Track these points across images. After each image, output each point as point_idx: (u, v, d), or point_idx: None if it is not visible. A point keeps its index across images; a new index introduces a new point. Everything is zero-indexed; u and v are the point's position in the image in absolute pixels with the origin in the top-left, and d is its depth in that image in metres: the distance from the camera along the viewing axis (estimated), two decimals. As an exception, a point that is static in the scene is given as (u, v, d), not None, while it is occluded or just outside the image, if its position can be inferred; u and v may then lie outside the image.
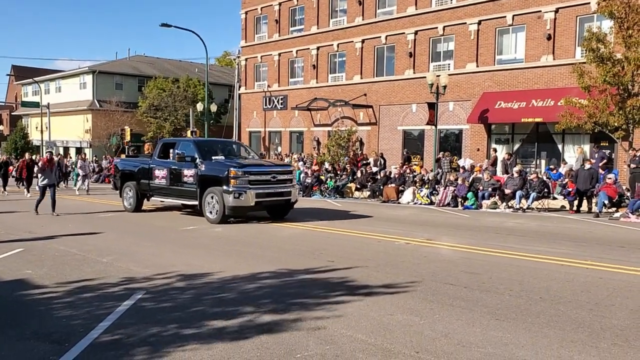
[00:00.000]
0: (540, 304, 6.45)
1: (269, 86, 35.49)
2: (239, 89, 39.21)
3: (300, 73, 34.05)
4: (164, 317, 5.95)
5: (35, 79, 51.09)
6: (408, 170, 23.41)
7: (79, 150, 47.64)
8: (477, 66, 25.28)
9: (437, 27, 26.59)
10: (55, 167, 16.14)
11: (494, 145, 24.79)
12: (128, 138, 38.36)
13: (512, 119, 23.59)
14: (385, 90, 29.04)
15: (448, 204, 19.14)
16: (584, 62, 19.10)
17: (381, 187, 21.96)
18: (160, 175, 15.58)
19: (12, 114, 67.83)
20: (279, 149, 34.67)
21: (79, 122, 48.06)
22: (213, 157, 14.57)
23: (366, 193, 23.02)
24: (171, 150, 15.51)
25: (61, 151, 47.16)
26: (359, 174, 24.77)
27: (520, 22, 23.99)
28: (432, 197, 20.22)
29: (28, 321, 5.88)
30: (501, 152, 24.08)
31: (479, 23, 25.08)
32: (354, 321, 5.76)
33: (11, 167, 28.54)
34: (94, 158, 40.64)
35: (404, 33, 27.96)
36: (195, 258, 9.30)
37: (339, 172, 25.55)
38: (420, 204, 20.16)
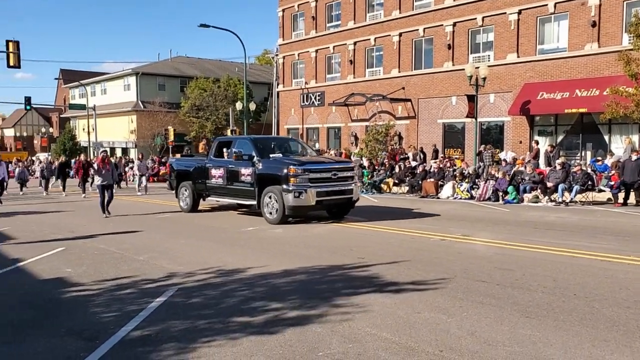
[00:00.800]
0: (574, 301, 6.25)
1: (306, 83, 35.57)
2: (277, 87, 39.46)
3: (337, 69, 34.00)
4: (193, 314, 6.05)
5: (81, 81, 52.73)
6: (448, 164, 23.06)
7: (124, 151, 48.99)
8: (518, 57, 24.66)
9: (475, 18, 26.06)
10: (111, 167, 16.01)
11: (536, 137, 24.14)
12: (171, 138, 39.18)
13: (555, 110, 22.90)
14: (424, 83, 28.68)
15: (489, 199, 18.76)
16: (631, 49, 18.37)
17: (420, 182, 21.71)
18: (217, 174, 15.20)
19: (61, 116, 70.34)
20: (317, 145, 34.74)
21: (124, 123, 49.36)
22: (271, 155, 14.09)
23: (404, 188, 22.80)
24: (225, 150, 15.27)
25: (107, 151, 48.52)
26: (397, 169, 24.56)
27: (562, 9, 23.24)
28: (472, 192, 19.86)
29: (63, 318, 6.09)
30: (544, 144, 23.44)
31: (519, 12, 24.43)
32: (380, 319, 5.72)
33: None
34: (141, 156, 41.58)
35: (442, 25, 27.52)
36: (229, 255, 9.42)
37: (377, 167, 25.39)
38: (460, 198, 19.83)
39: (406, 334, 5.26)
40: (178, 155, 25.29)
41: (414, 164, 24.83)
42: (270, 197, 13.37)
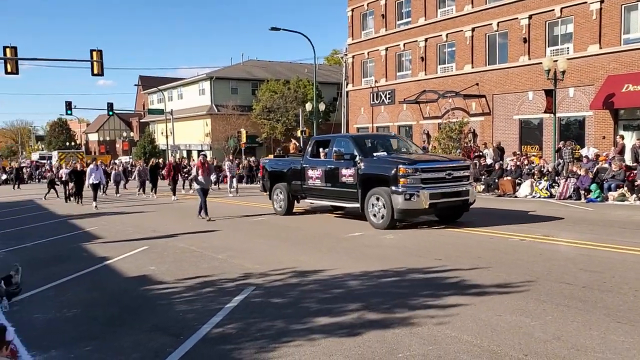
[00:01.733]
0: (672, 306, 5.85)
1: (376, 81, 35.38)
2: (346, 87, 39.49)
3: (408, 66, 33.59)
4: (271, 313, 6.15)
5: (159, 87, 54.97)
6: (525, 162, 22.24)
7: (199, 154, 50.57)
8: (600, 48, 23.39)
9: (553, 10, 24.97)
10: (210, 170, 15.73)
11: (621, 132, 22.79)
12: (244, 140, 40.11)
13: (643, 103, 21.55)
14: (499, 78, 27.81)
15: (570, 197, 17.92)
16: None
17: (496, 180, 21.06)
18: (314, 175, 14.36)
19: (141, 121, 73.58)
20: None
21: (199, 126, 51.00)
22: (374, 154, 13.16)
23: (480, 187, 22.17)
24: (321, 149, 14.67)
25: (184, 154, 50.33)
26: (471, 167, 23.86)
27: (649, -5, 21.85)
28: (552, 190, 19.04)
29: (149, 314, 6.35)
30: (630, 139, 22.10)
31: (602, 1, 23.15)
32: (460, 322, 5.58)
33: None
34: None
35: (516, 18, 26.57)
36: (305, 254, 9.51)
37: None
38: (539, 197, 19.07)
39: (488, 337, 5.11)
40: (271, 156, 24.30)
41: (489, 161, 24.12)
42: (377, 199, 12.27)
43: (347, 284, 7.32)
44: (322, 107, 38.27)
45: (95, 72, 24.61)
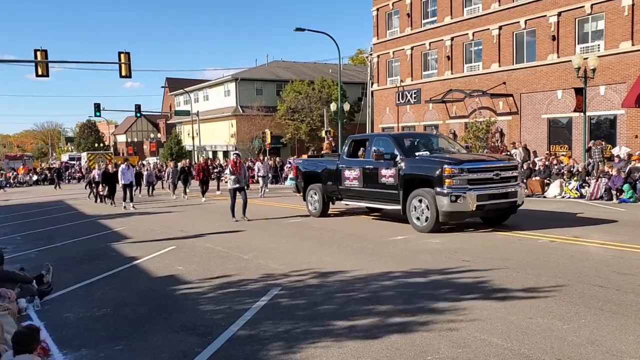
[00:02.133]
0: None
1: (401, 81, 35.16)
2: (371, 86, 39.35)
3: (434, 65, 33.31)
4: (297, 314, 6.14)
5: (185, 89, 55.53)
6: (555, 162, 21.85)
7: (225, 154, 50.96)
8: (633, 44, 22.82)
9: (583, 6, 24.47)
10: (242, 169, 15.38)
11: (654, 131, 22.25)
12: (268, 140, 40.28)
13: (678, 100, 20.97)
14: (527, 77, 27.37)
15: (601, 197, 17.54)
16: None
17: (524, 181, 20.72)
18: (352, 176, 13.88)
19: (168, 122, 74.48)
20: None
21: (225, 127, 51.37)
22: (416, 154, 12.65)
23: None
24: (361, 149, 14.32)
25: (210, 155, 50.78)
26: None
27: (683, -10, 21.26)
28: (582, 190, 18.67)
29: (177, 314, 6.39)
30: (664, 138, 21.54)
31: (634, -4, 22.65)
32: (489, 324, 5.49)
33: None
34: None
35: (545, 16, 26.12)
36: (330, 256, 9.47)
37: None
38: (569, 197, 18.71)
39: (518, 340, 5.01)
40: (304, 156, 23.46)
41: (518, 161, 23.72)
42: (420, 201, 11.73)
43: (370, 286, 7.26)
44: (346, 107, 38.18)
45: (123, 74, 24.92)
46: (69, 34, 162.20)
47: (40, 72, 23.07)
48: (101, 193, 22.76)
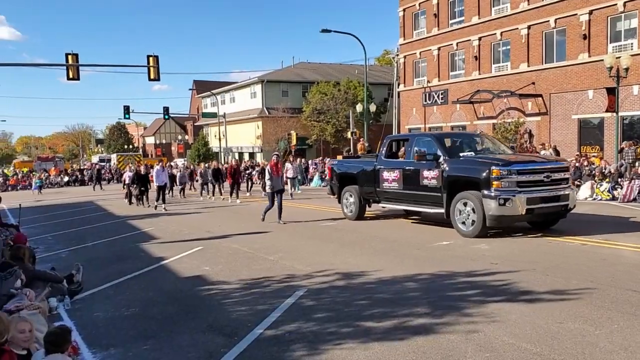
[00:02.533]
0: None
1: (428, 82, 34.90)
2: (397, 87, 39.15)
3: (461, 66, 32.99)
4: (323, 316, 6.12)
5: (212, 91, 56.07)
6: (585, 163, 21.42)
7: (251, 156, 51.28)
8: (667, 42, 22.29)
9: (616, 5, 23.95)
10: (281, 171, 14.99)
11: (690, 131, 21.65)
12: (294, 142, 40.37)
13: None
14: (556, 77, 26.90)
15: (634, 199, 17.12)
16: None
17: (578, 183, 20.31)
18: (390, 177, 13.35)
19: (195, 124, 75.32)
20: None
21: (251, 129, 51.69)
22: (460, 154, 12.12)
23: (536, 189, 21.45)
24: (401, 149, 13.89)
25: (236, 156, 51.15)
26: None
27: None
28: (615, 192, 18.25)
29: (204, 314, 6.44)
30: (700, 138, 20.94)
31: (668, -7, 22.09)
32: (517, 328, 5.39)
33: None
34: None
35: (576, 14, 25.64)
36: (353, 257, 9.44)
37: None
38: (600, 199, 18.31)
39: (548, 345, 4.91)
40: (340, 157, 22.56)
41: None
42: (465, 205, 11.15)
43: (395, 288, 7.21)
44: (372, 108, 38.02)
45: (152, 77, 25.26)
46: (99, 39, 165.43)
47: (71, 76, 23.53)
48: (133, 193, 23.04)
